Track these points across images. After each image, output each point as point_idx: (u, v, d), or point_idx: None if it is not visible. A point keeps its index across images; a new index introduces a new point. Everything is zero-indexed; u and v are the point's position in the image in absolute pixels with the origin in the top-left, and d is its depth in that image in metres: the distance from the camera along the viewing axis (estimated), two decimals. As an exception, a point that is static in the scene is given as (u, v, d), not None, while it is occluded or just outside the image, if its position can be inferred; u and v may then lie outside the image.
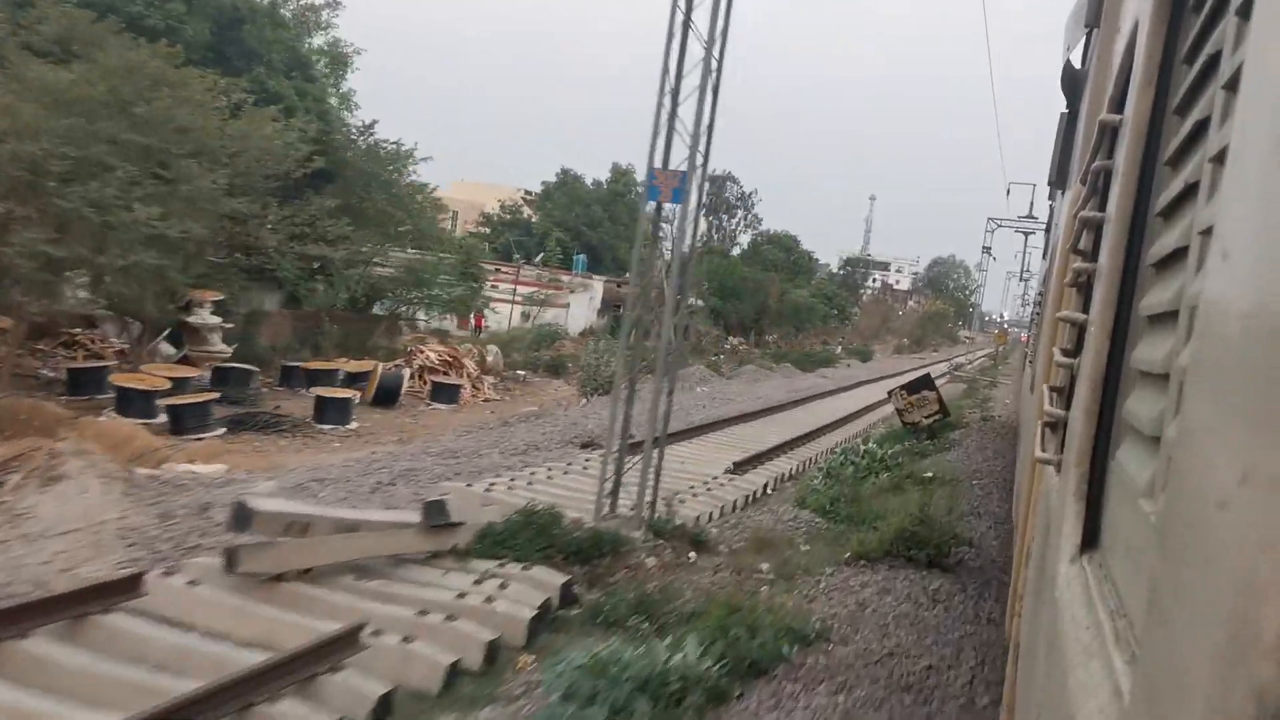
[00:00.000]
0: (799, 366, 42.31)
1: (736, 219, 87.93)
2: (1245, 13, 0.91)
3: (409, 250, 30.27)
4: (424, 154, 30.52)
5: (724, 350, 48.45)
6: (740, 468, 14.45)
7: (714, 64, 9.02)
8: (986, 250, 73.01)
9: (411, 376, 23.45)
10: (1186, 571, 0.67)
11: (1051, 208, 11.57)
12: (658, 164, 9.26)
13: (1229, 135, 0.87)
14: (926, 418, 17.37)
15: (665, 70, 9.03)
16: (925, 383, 17.99)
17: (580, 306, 48.85)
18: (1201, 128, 1.19)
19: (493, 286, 40.68)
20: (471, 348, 28.03)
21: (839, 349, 61.29)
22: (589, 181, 67.05)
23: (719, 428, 18.83)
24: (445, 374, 24.44)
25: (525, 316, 42.65)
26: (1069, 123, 6.31)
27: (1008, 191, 69.15)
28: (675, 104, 9.11)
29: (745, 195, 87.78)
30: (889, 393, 18.09)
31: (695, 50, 9.03)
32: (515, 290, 44.13)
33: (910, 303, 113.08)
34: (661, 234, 10.04)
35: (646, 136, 9.18)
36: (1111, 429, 1.63)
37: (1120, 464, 1.44)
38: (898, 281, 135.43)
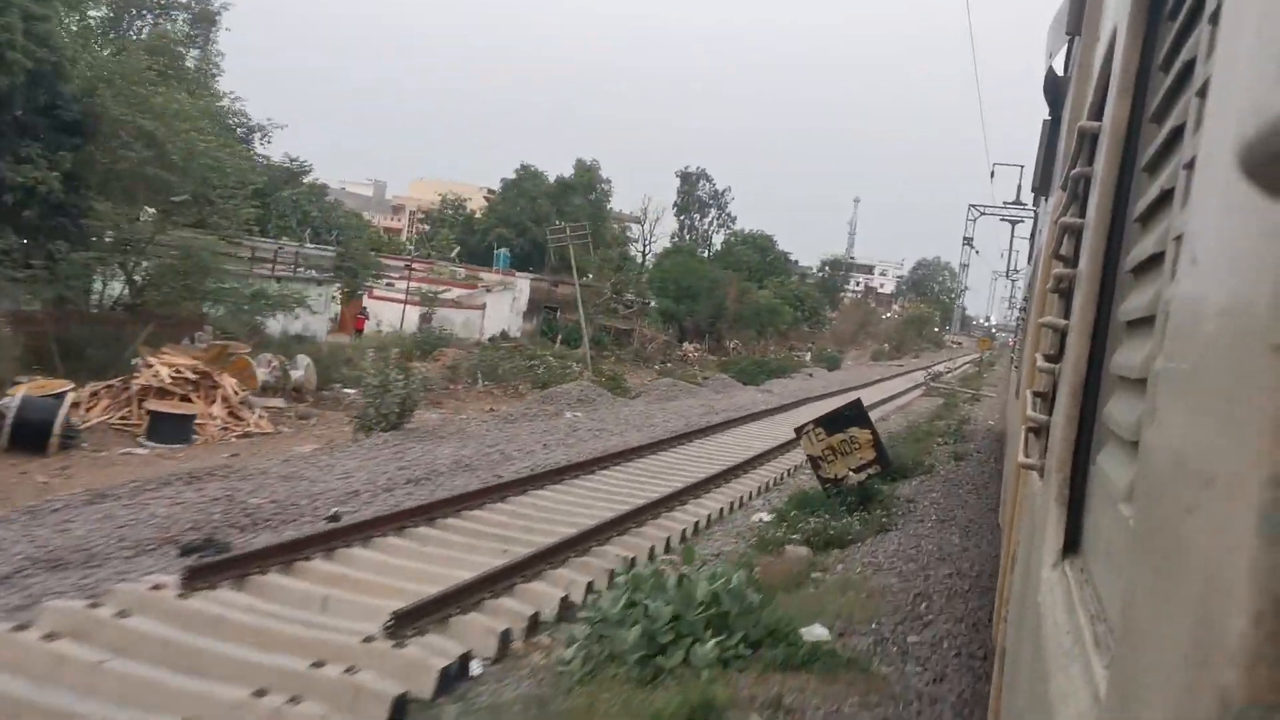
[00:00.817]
0: (744, 378, 36.60)
1: (709, 218, 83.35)
2: (1217, 20, 0.92)
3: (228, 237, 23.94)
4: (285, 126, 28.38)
5: (673, 358, 44.58)
6: (408, 625, 6.48)
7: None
8: (968, 242, 64.15)
9: (128, 401, 17.10)
10: (1159, 576, 0.68)
11: (1035, 214, 11.64)
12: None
13: (1200, 142, 0.88)
14: (856, 469, 11.06)
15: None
16: (853, 417, 11.35)
17: (500, 307, 43.45)
18: (1177, 134, 1.20)
19: (388, 284, 37.16)
20: (272, 359, 21.94)
21: (807, 355, 57.23)
22: (552, 178, 62.16)
23: (497, 498, 10.72)
24: (185, 398, 17.57)
25: (424, 319, 37.57)
26: (1051, 129, 6.36)
27: (992, 174, 61.84)
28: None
29: (718, 193, 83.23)
30: (796, 431, 11.57)
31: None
32: (413, 288, 38.99)
33: (895, 306, 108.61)
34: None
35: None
36: (1093, 434, 1.64)
37: (1101, 469, 1.44)
38: (882, 285, 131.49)
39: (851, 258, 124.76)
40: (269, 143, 44.53)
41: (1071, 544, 1.61)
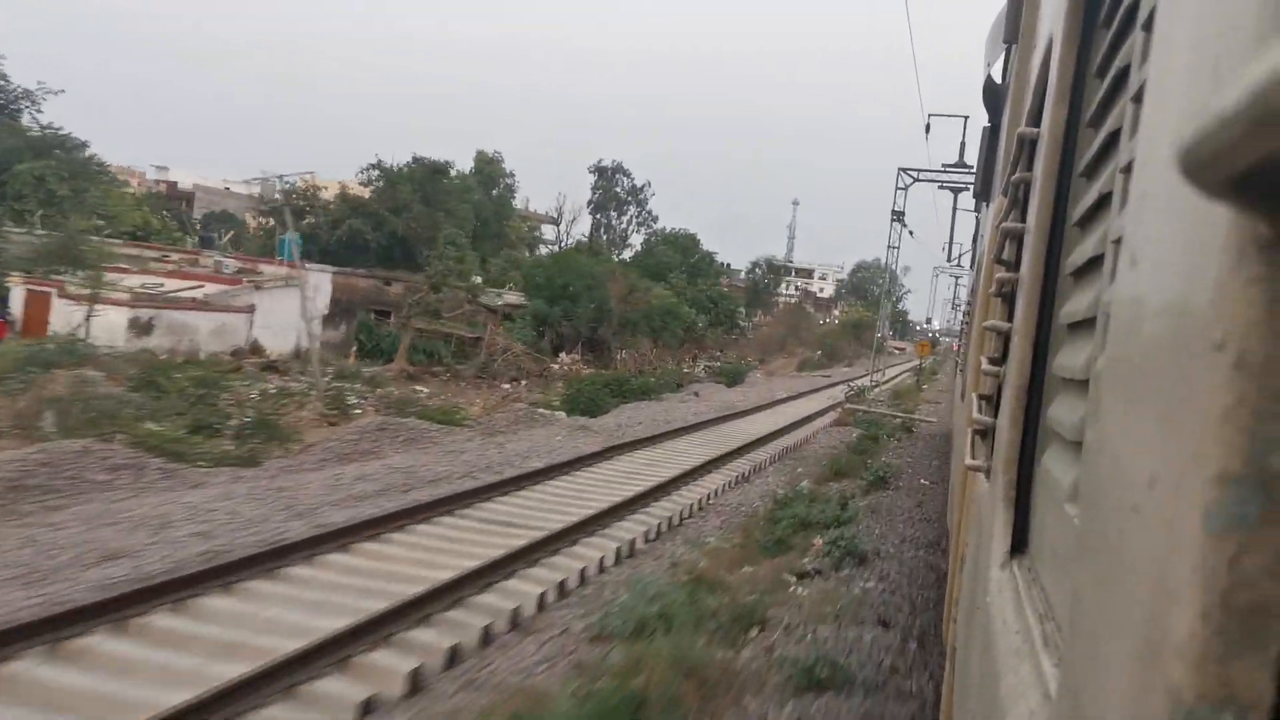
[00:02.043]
0: (583, 404, 27.05)
1: (627, 216, 76.41)
2: (1150, 27, 0.93)
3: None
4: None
5: (532, 373, 37.90)
6: None
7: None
8: (898, 218, 37.22)
9: None
10: (1105, 575, 0.69)
11: (977, 219, 11.86)
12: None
13: (1137, 146, 0.90)
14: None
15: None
16: None
17: (283, 310, 33.48)
18: (1113, 139, 1.23)
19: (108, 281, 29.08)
20: None
21: (701, 368, 48.96)
22: (454, 171, 55.66)
23: None
24: None
25: (136, 324, 29.12)
26: (991, 136, 6.48)
27: (927, 128, 35.47)
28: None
29: (637, 188, 75.99)
30: None
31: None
32: (149, 284, 31.63)
33: (836, 311, 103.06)
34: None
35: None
36: (1037, 435, 1.66)
37: (1046, 469, 1.47)
38: (821, 289, 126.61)
39: (790, 262, 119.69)
40: (39, 112, 41.45)
41: (1019, 544, 1.63)
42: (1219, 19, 0.49)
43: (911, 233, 37.48)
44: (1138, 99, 0.99)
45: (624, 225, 76.69)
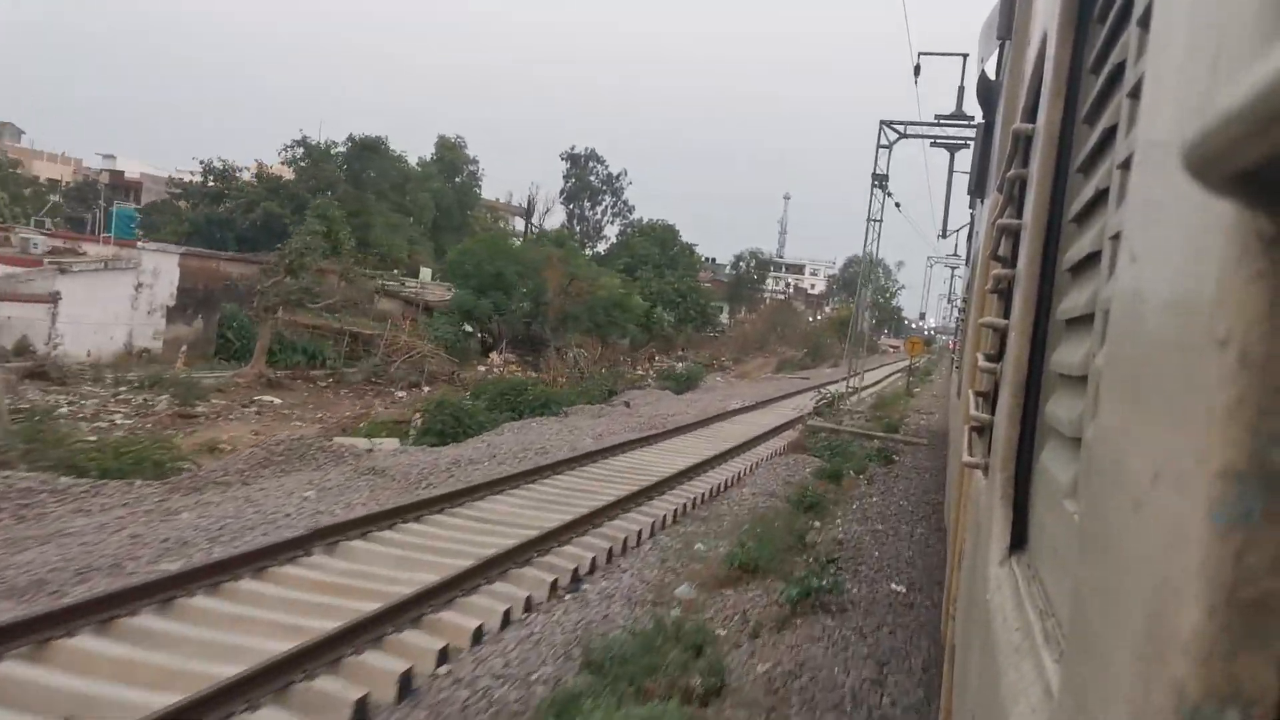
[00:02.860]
0: (447, 427, 20.09)
1: (602, 206, 70.88)
2: (1146, 23, 0.93)
3: None
4: None
5: (451, 376, 31.42)
6: None
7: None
8: (880, 183, 27.92)
9: None
10: (1106, 571, 0.69)
11: (972, 216, 11.88)
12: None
13: (1135, 142, 0.90)
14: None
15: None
16: None
17: (110, 298, 27.08)
18: (1109, 135, 1.23)
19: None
20: None
21: (683, 367, 42.44)
22: (414, 160, 51.75)
23: None
24: None
25: None
26: (985, 133, 6.49)
27: (916, 69, 24.96)
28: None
29: (612, 177, 70.54)
30: None
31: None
32: None
33: (828, 308, 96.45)
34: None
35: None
36: (1035, 431, 1.66)
37: (1044, 466, 1.47)
38: (813, 286, 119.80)
39: (780, 257, 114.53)
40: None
41: (1018, 541, 1.63)
42: (1219, 17, 0.49)
43: (899, 205, 31.55)
44: (1134, 95, 0.99)
45: (598, 216, 71.41)
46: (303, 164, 43.42)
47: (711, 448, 16.87)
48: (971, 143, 19.28)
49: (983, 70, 6.36)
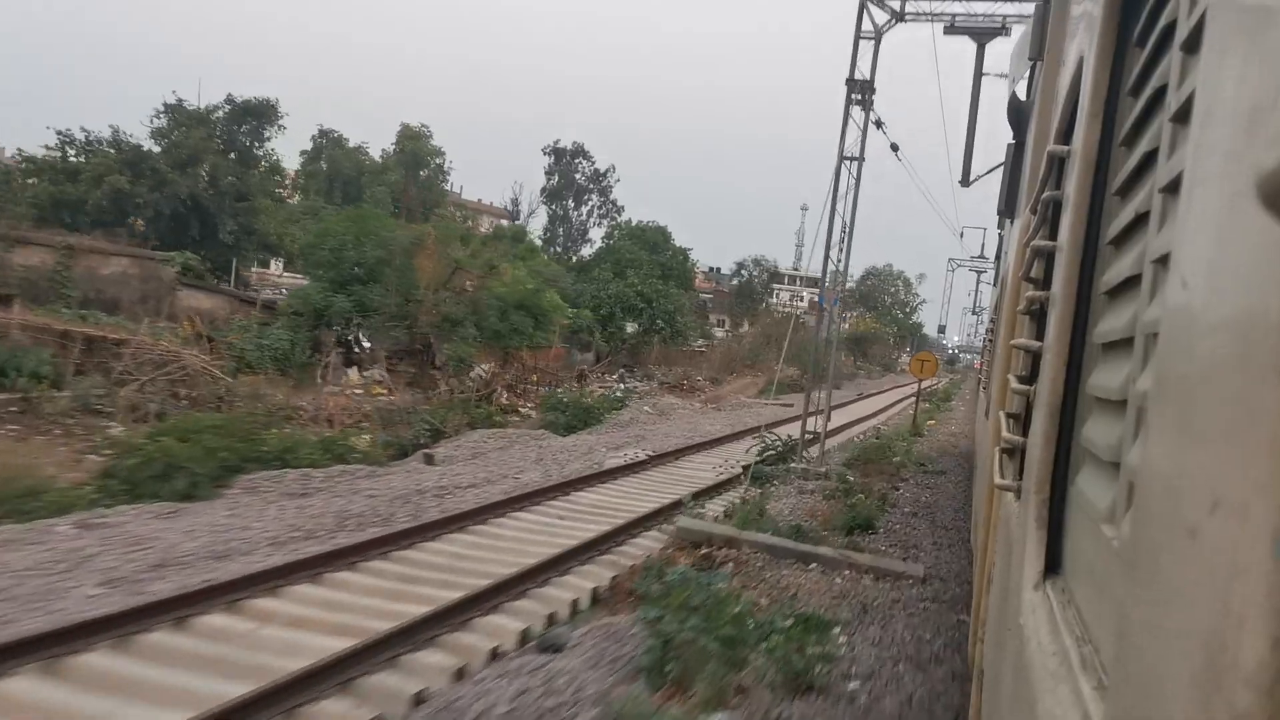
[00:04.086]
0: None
1: (588, 206, 64.33)
2: (1190, 47, 0.93)
3: None
4: None
5: (217, 401, 21.62)
6: None
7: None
8: (859, 95, 14.47)
9: None
10: (1157, 598, 0.68)
11: (1001, 236, 11.80)
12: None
13: (1179, 166, 0.89)
14: None
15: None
16: None
17: None
18: (1149, 159, 1.22)
19: None
20: None
21: (619, 388, 35.32)
22: (376, 151, 45.59)
23: None
24: None
25: None
26: (1016, 153, 6.46)
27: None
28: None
29: (599, 174, 64.25)
30: None
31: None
32: None
33: (844, 325, 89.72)
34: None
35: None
36: (1069, 454, 1.65)
37: (1080, 490, 1.45)
38: None
39: (796, 269, 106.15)
40: None
41: (1052, 564, 1.62)
42: None
43: (895, 147, 19.34)
44: (1177, 119, 0.99)
45: (583, 217, 64.64)
46: (171, 133, 34.60)
47: (417, 601, 7.96)
48: (1013, 27, 15.72)
49: (1013, 91, 6.34)
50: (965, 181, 18.18)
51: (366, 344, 30.37)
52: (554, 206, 63.98)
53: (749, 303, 74.45)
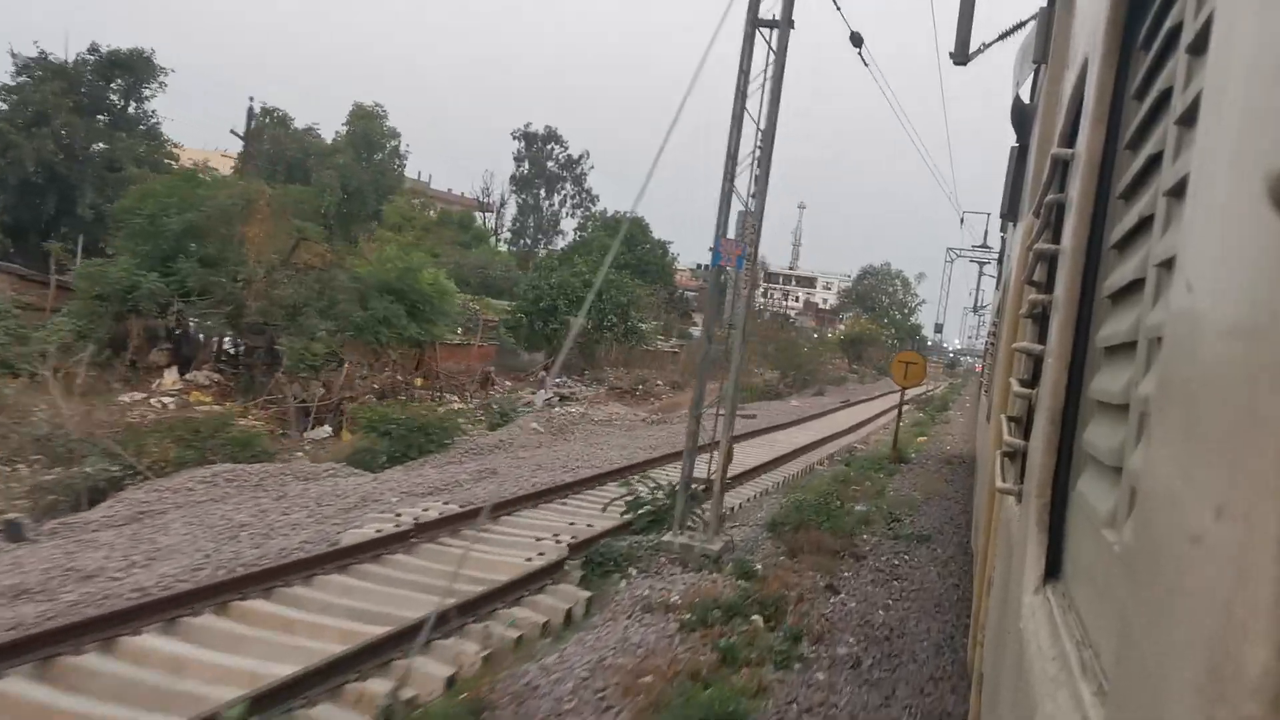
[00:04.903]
0: None
1: (561, 194, 61.42)
2: (1197, 49, 0.93)
3: None
4: None
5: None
6: None
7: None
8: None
9: None
10: (1159, 604, 0.67)
11: (1003, 239, 11.78)
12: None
13: (1184, 169, 0.89)
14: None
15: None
16: None
17: None
18: (1154, 162, 1.22)
19: None
20: None
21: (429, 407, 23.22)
22: (329, 135, 40.35)
23: None
24: None
25: None
26: (1019, 156, 6.46)
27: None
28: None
29: (572, 160, 60.66)
30: None
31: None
32: None
33: (840, 325, 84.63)
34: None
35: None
36: (1071, 459, 1.64)
37: (1081, 494, 1.45)
38: (826, 300, 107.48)
39: (792, 269, 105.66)
40: None
41: (1053, 569, 1.61)
42: None
43: (858, 40, 12.02)
44: (1183, 122, 0.98)
45: (555, 207, 60.92)
46: (13, 88, 29.18)
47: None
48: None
49: (1016, 94, 6.34)
50: (963, 59, 11.91)
51: (203, 338, 24.65)
52: (524, 195, 59.74)
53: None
